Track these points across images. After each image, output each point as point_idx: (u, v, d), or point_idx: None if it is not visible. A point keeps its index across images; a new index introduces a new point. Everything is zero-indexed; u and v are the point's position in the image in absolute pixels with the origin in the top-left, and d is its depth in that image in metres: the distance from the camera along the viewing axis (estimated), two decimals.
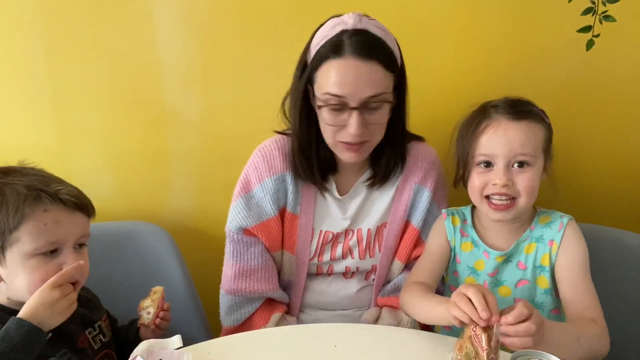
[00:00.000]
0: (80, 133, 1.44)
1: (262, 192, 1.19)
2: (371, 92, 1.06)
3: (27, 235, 0.87)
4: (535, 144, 1.03)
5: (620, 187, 1.46)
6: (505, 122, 1.04)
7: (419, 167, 1.22)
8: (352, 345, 0.99)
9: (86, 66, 1.38)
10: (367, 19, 1.08)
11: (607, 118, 1.41)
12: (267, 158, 1.19)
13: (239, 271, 1.21)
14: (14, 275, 0.88)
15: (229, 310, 1.23)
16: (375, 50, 1.06)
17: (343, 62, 1.05)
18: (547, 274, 1.07)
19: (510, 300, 1.09)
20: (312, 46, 1.11)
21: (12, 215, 0.86)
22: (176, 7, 1.35)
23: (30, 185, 0.89)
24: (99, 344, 1.00)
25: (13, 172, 0.92)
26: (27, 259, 0.88)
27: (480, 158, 1.06)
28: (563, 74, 1.38)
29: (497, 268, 1.10)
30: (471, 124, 1.09)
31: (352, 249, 1.23)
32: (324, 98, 1.07)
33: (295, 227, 1.21)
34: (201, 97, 1.43)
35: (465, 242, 1.15)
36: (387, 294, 1.26)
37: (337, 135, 1.11)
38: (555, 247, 1.06)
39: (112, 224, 1.39)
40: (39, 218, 0.88)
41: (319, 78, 1.09)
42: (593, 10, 1.11)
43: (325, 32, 1.08)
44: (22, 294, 0.89)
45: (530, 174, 1.03)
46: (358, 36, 1.06)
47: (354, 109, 1.06)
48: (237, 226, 1.20)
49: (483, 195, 1.06)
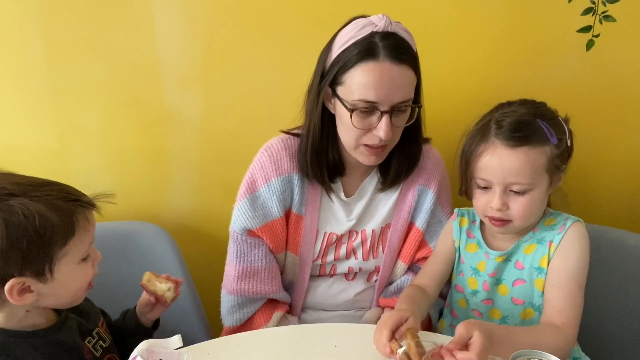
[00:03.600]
0: (80, 133, 1.44)
1: (268, 192, 1.17)
2: (403, 97, 1.05)
3: (77, 245, 0.88)
4: (532, 171, 0.99)
5: (621, 187, 1.46)
6: (501, 150, 0.99)
7: (423, 169, 1.22)
8: (352, 345, 0.98)
9: (86, 66, 1.38)
10: (394, 22, 1.06)
11: (607, 118, 1.41)
12: (274, 158, 1.18)
13: (242, 272, 1.20)
14: (59, 286, 0.88)
15: (230, 310, 1.22)
16: (406, 54, 1.05)
17: (378, 66, 1.02)
18: (544, 276, 1.05)
19: (508, 299, 1.09)
20: (335, 47, 1.07)
21: (64, 231, 0.85)
22: (176, 7, 1.35)
23: (64, 197, 0.88)
24: (100, 351, 0.99)
25: (20, 185, 0.88)
26: (75, 267, 0.89)
27: (479, 181, 1.04)
28: (563, 74, 1.37)
29: (498, 268, 1.10)
30: (472, 141, 1.06)
31: (356, 250, 1.23)
32: (354, 102, 1.04)
33: (300, 228, 1.20)
34: (201, 97, 1.43)
35: (471, 243, 1.14)
36: (389, 295, 1.26)
37: (362, 139, 1.09)
38: (553, 248, 1.04)
39: (112, 224, 1.38)
40: (85, 227, 0.89)
41: (349, 80, 1.05)
42: (593, 10, 1.11)
43: (352, 33, 1.05)
44: (64, 300, 0.91)
45: (526, 199, 1.00)
46: (390, 39, 1.03)
47: (384, 112, 1.04)
48: (242, 227, 1.18)
49: (484, 215, 1.06)
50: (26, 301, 0.85)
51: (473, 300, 1.13)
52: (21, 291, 0.84)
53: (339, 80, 1.07)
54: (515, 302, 1.09)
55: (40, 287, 0.86)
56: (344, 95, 1.06)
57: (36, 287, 0.85)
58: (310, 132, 1.15)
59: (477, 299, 1.13)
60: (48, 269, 0.85)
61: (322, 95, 1.11)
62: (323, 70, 1.10)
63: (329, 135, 1.15)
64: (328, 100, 1.12)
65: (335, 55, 1.07)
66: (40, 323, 0.91)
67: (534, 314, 1.08)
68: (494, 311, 1.11)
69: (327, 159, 1.17)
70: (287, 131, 1.21)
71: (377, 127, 1.06)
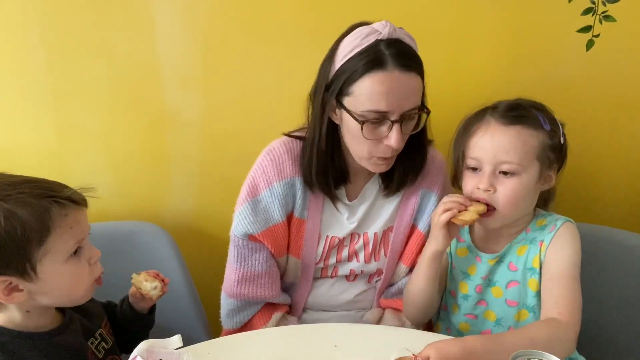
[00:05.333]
0: (80, 133, 1.44)
1: (270, 197, 1.16)
2: (412, 105, 1.04)
3: (57, 244, 0.86)
4: (523, 152, 0.99)
5: (620, 187, 1.46)
6: (494, 126, 1.01)
7: (426, 173, 1.20)
8: (352, 345, 0.98)
9: (86, 66, 1.38)
10: (397, 28, 1.05)
11: (607, 118, 1.41)
12: (277, 162, 1.16)
13: (242, 276, 1.19)
14: (48, 285, 0.87)
15: (230, 314, 1.22)
16: (413, 61, 1.04)
17: (388, 76, 1.00)
18: (537, 276, 1.05)
19: (501, 301, 1.09)
20: (339, 57, 1.04)
21: (37, 229, 0.83)
22: (176, 7, 1.35)
23: (38, 194, 0.86)
24: (102, 352, 0.99)
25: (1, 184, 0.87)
26: (61, 265, 0.87)
27: (469, 161, 1.04)
28: (563, 74, 1.37)
29: (490, 270, 1.10)
30: (468, 123, 1.07)
31: (358, 253, 1.23)
32: (364, 113, 1.02)
33: (302, 232, 1.19)
34: (201, 97, 1.43)
35: (461, 247, 1.14)
36: (390, 296, 1.26)
37: (374, 151, 1.07)
38: (544, 247, 1.04)
39: (112, 224, 1.38)
40: (64, 224, 0.87)
41: (357, 91, 1.02)
42: (593, 10, 1.11)
43: (355, 42, 1.02)
44: (62, 300, 0.90)
45: (514, 183, 1.00)
46: (396, 47, 1.01)
47: (394, 122, 1.03)
48: (243, 232, 1.16)
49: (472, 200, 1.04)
50: (17, 300, 0.85)
51: (465, 304, 1.13)
52: (10, 290, 0.84)
53: (345, 91, 1.04)
54: (510, 304, 1.08)
55: (28, 286, 0.85)
56: (352, 106, 1.04)
57: (25, 286, 0.85)
58: (315, 143, 1.12)
59: (469, 302, 1.12)
60: (30, 268, 0.84)
61: (328, 107, 1.08)
62: (327, 80, 1.07)
63: (333, 145, 1.13)
64: (332, 111, 1.09)
65: (339, 65, 1.04)
66: (44, 324, 0.91)
67: (528, 315, 1.07)
68: (489, 313, 1.11)
69: (333, 169, 1.15)
70: (290, 134, 1.19)
71: (389, 136, 1.04)
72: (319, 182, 1.15)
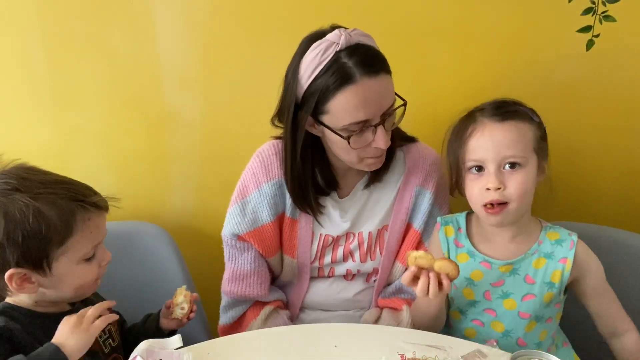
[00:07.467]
0: (80, 133, 1.44)
1: (259, 197, 1.18)
2: (389, 103, 1.05)
3: (75, 246, 0.90)
4: (523, 144, 1.01)
5: (620, 186, 1.46)
6: (491, 125, 1.02)
7: (420, 169, 1.21)
8: (352, 345, 0.98)
9: (86, 66, 1.38)
10: (350, 31, 1.03)
11: (606, 118, 1.40)
12: (265, 163, 1.18)
13: (232, 274, 1.22)
14: (59, 281, 0.91)
15: (223, 310, 1.26)
16: (377, 61, 1.04)
17: (360, 87, 1.00)
18: (556, 290, 1.06)
19: (514, 313, 1.08)
20: (303, 77, 1.04)
21: (60, 230, 0.87)
22: (176, 7, 1.35)
23: (67, 196, 0.89)
24: (108, 348, 1.01)
25: (30, 181, 0.90)
26: (75, 265, 0.91)
27: (471, 163, 1.04)
28: (563, 74, 1.37)
29: (502, 279, 1.08)
30: (459, 129, 1.08)
31: (353, 252, 1.23)
32: (346, 127, 1.03)
33: (295, 231, 1.21)
34: (201, 97, 1.43)
35: (461, 253, 1.12)
36: (388, 296, 1.26)
37: (363, 154, 1.08)
38: (569, 266, 1.05)
39: (112, 224, 1.36)
40: (86, 228, 0.91)
41: (334, 109, 1.03)
42: (593, 10, 1.11)
43: (316, 59, 1.02)
44: (67, 295, 0.94)
45: (522, 175, 1.01)
46: (357, 53, 1.01)
47: (377, 125, 1.04)
48: (231, 232, 1.20)
49: (482, 205, 1.03)
50: (27, 291, 0.89)
51: (472, 310, 1.11)
52: (22, 281, 0.88)
53: (321, 109, 1.04)
54: (522, 315, 1.08)
55: (40, 279, 0.89)
56: (332, 123, 1.05)
57: (37, 279, 0.89)
58: (295, 164, 1.12)
59: (478, 308, 1.11)
60: (46, 264, 0.88)
61: (302, 125, 1.08)
62: (297, 100, 1.07)
63: (313, 158, 1.14)
64: (311, 125, 1.10)
65: (307, 85, 1.03)
66: (52, 311, 0.95)
67: (536, 325, 1.08)
68: (496, 323, 1.10)
69: (314, 186, 1.16)
70: (278, 137, 1.21)
71: (375, 139, 1.05)
72: (299, 200, 1.17)
